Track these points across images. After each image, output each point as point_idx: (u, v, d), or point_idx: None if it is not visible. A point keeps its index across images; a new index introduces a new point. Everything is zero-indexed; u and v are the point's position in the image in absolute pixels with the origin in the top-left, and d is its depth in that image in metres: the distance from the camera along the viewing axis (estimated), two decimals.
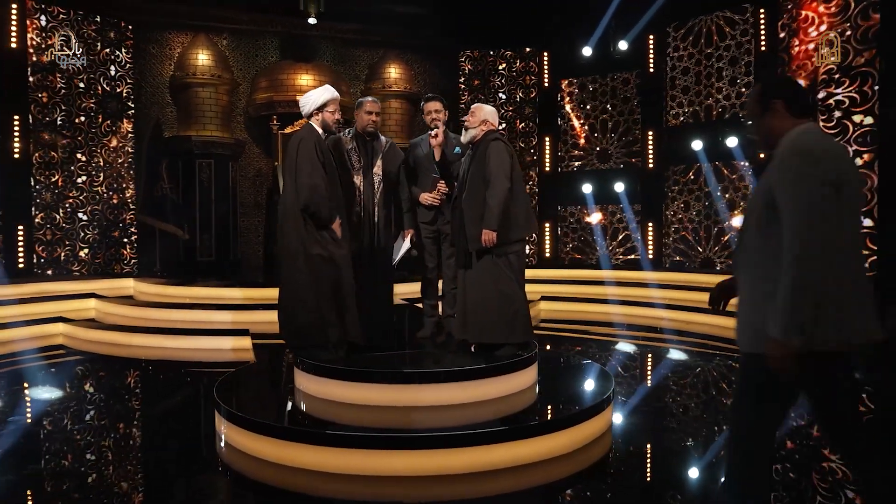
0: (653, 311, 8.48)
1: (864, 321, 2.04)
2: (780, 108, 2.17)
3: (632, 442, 4.19)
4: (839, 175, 2.02)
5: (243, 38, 10.54)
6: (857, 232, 2.14)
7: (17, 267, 8.22)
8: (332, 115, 4.27)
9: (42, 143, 8.44)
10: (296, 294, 4.10)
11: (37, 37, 8.40)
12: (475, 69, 10.95)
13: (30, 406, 4.85)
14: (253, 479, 3.46)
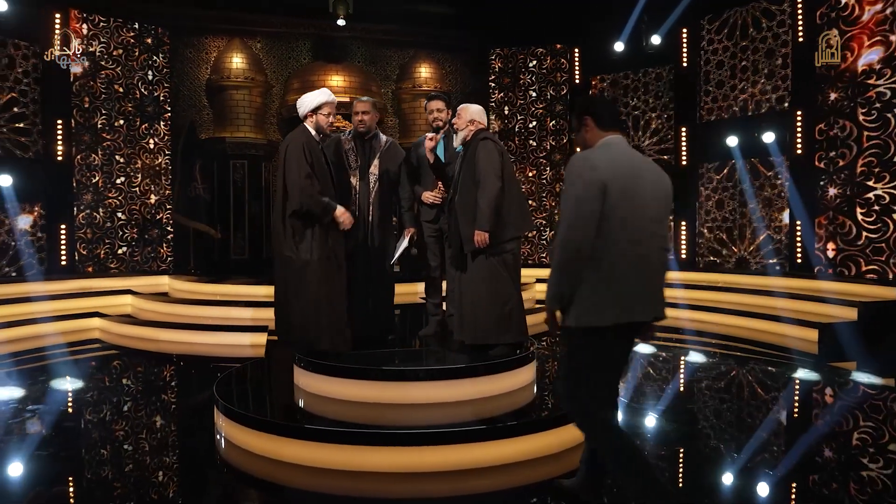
0: (682, 312, 8.25)
1: (630, 304, 2.42)
2: (591, 124, 2.59)
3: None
4: (611, 182, 2.38)
5: (277, 41, 10.77)
6: (640, 231, 2.44)
7: (60, 264, 8.62)
8: (325, 117, 4.31)
9: (83, 146, 8.82)
10: (286, 293, 4.17)
11: (80, 44, 8.78)
12: (505, 67, 10.88)
13: (50, 397, 5.08)
14: (248, 473, 3.51)
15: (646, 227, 2.47)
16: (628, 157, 2.55)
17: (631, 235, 2.43)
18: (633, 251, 2.44)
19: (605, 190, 2.39)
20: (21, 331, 7.12)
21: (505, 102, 10.87)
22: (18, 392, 5.14)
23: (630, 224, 2.43)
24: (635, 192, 2.45)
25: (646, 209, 2.47)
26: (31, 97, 8.37)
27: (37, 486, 3.37)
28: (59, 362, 6.29)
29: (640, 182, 2.47)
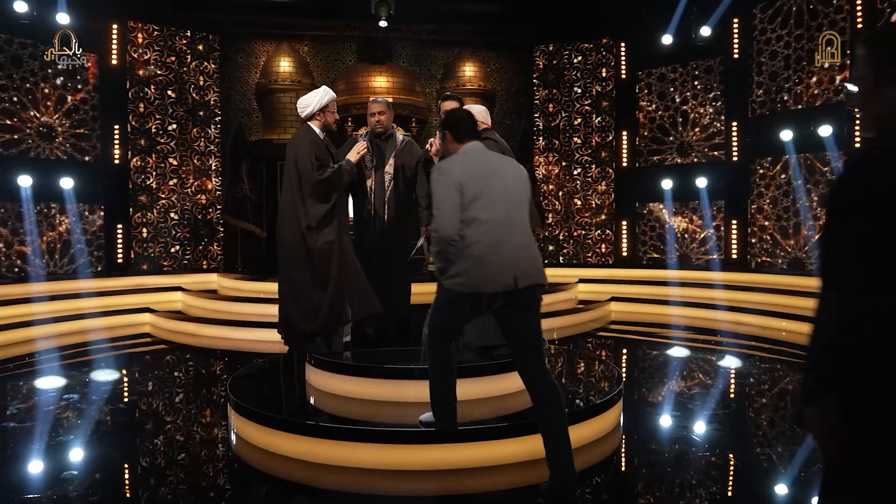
0: (733, 315, 7.92)
1: (488, 278, 2.87)
2: (449, 137, 3.12)
3: (645, 447, 3.96)
4: (465, 181, 2.93)
5: (323, 44, 10.98)
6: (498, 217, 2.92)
7: (117, 262, 9.08)
8: (332, 115, 4.38)
9: (138, 150, 9.26)
10: (289, 290, 4.26)
11: (134, 52, 9.23)
12: (549, 63, 10.72)
13: (92, 387, 5.35)
14: (259, 469, 3.58)
15: (505, 214, 2.95)
16: (483, 159, 3.05)
17: (490, 221, 2.92)
18: (493, 234, 2.91)
19: (460, 188, 2.92)
20: (78, 324, 7.55)
21: (549, 100, 10.72)
22: (62, 381, 5.46)
23: (488, 212, 2.92)
24: (491, 187, 2.96)
25: (502, 199, 2.96)
26: (91, 104, 8.85)
27: (95, 469, 3.56)
28: (107, 356, 6.62)
29: (494, 178, 2.99)
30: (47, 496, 3.18)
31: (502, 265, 2.88)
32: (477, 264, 2.88)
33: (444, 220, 2.90)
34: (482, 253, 2.88)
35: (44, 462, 3.65)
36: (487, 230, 2.90)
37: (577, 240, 10.64)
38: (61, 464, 3.63)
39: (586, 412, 3.82)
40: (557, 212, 10.75)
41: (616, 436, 4.04)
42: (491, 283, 2.88)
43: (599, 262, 10.51)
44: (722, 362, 6.20)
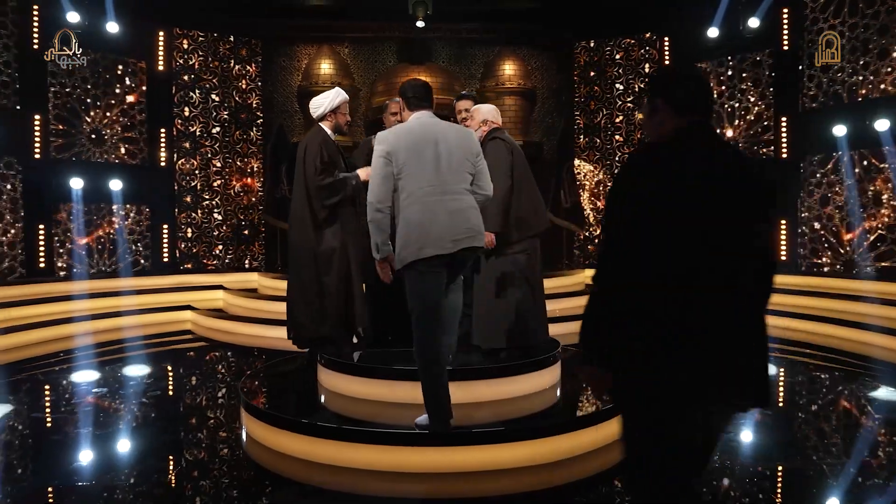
0: (780, 319, 7.55)
1: (431, 241, 3.01)
2: (403, 105, 3.35)
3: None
4: (395, 150, 3.09)
5: (363, 45, 11.07)
6: (433, 183, 3.06)
7: (163, 261, 9.41)
8: (344, 116, 4.39)
9: (183, 152, 9.57)
10: (298, 292, 4.29)
11: (179, 58, 9.54)
12: (591, 60, 10.50)
13: (128, 380, 5.55)
14: (268, 468, 3.60)
15: (437, 182, 3.07)
16: (421, 129, 3.15)
17: (419, 190, 3.06)
18: (425, 202, 3.05)
19: (389, 157, 3.09)
20: (123, 321, 7.86)
21: (590, 97, 10.49)
22: (99, 375, 5.68)
23: (417, 182, 3.06)
24: (422, 156, 3.08)
25: (433, 168, 3.08)
26: (139, 109, 9.20)
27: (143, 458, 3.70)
28: (150, 352, 6.87)
29: (428, 147, 3.09)
30: (94, 485, 3.31)
31: (438, 232, 3.02)
32: (412, 231, 3.03)
33: (373, 192, 3.11)
34: (416, 221, 3.04)
35: (92, 452, 3.81)
36: (417, 199, 3.05)
37: None
38: (107, 454, 3.77)
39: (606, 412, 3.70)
40: (599, 211, 10.51)
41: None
42: (427, 248, 3.02)
43: None
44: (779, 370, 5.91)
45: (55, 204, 8.40)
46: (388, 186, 3.10)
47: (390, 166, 3.10)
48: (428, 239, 3.03)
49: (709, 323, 1.69)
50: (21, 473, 3.59)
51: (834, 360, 6.12)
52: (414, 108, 3.27)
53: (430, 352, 3.14)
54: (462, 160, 3.16)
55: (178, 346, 7.36)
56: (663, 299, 1.69)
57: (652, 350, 1.69)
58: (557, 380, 4.35)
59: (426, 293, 3.12)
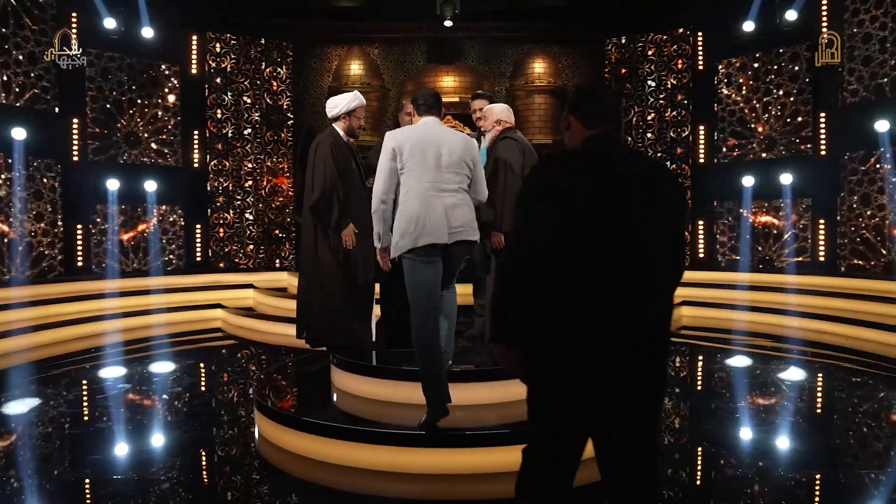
0: (819, 323, 7.30)
1: (423, 233, 3.23)
2: (412, 110, 3.58)
3: (724, 462, 3.71)
4: (401, 146, 3.30)
5: (393, 46, 11.11)
6: (433, 179, 3.28)
7: (195, 260, 9.61)
8: (358, 120, 4.39)
9: (216, 153, 9.77)
10: (308, 289, 4.32)
11: (212, 61, 9.74)
12: (621, 57, 10.31)
13: (149, 379, 5.69)
14: (279, 468, 3.63)
15: (436, 180, 3.29)
16: (426, 132, 3.37)
17: (420, 185, 3.28)
18: (423, 196, 3.26)
19: (395, 154, 3.31)
20: (156, 318, 8.06)
21: (621, 94, 10.30)
22: (129, 371, 5.83)
23: (419, 178, 3.28)
24: (425, 156, 3.29)
25: (434, 166, 3.29)
26: (173, 111, 9.42)
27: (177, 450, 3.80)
28: (181, 349, 7.03)
29: (431, 148, 3.30)
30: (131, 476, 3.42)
31: (434, 223, 3.24)
32: (410, 222, 3.26)
33: (379, 182, 3.36)
34: (414, 213, 3.26)
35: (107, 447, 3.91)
36: (417, 193, 3.28)
37: None
38: (120, 449, 3.87)
39: None
40: None
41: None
42: (424, 237, 3.24)
43: None
44: (803, 374, 5.72)
45: (92, 204, 8.66)
46: (393, 181, 3.34)
47: (395, 162, 3.33)
48: (424, 229, 3.24)
49: (595, 319, 1.82)
50: (52, 466, 3.71)
51: (874, 366, 5.87)
52: (423, 113, 3.52)
53: (426, 337, 3.28)
54: (460, 163, 3.36)
55: (207, 343, 7.50)
56: (557, 296, 1.86)
57: (541, 338, 1.90)
58: None
59: (422, 280, 3.29)
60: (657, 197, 1.88)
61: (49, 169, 8.24)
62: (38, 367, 5.96)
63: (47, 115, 8.17)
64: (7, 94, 7.74)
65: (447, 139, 3.38)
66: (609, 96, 2.06)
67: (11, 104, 7.78)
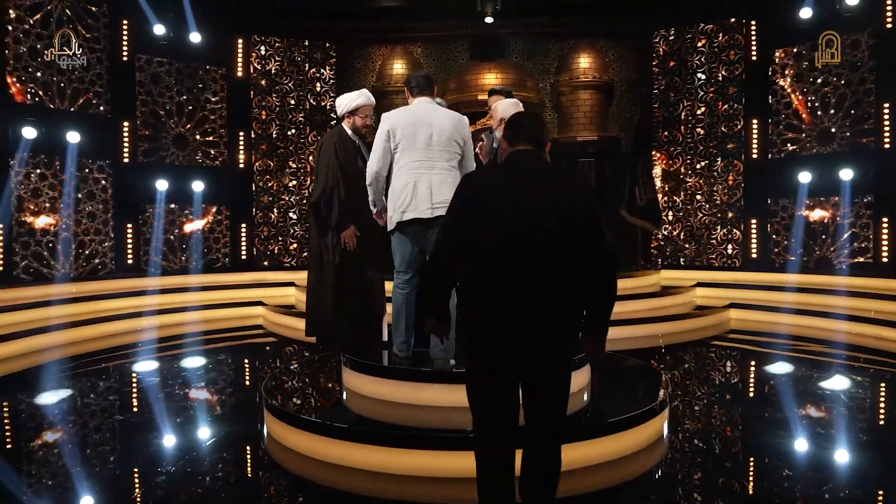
0: (879, 329, 6.82)
1: (410, 206, 3.57)
2: (407, 93, 3.82)
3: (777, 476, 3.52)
4: (394, 127, 3.59)
5: (436, 44, 11.07)
6: (421, 156, 3.57)
7: (241, 259, 9.84)
8: (363, 119, 4.34)
9: (260, 154, 9.98)
10: (315, 289, 4.32)
11: (257, 63, 9.95)
12: (670, 49, 9.93)
13: (181, 374, 5.84)
14: (286, 468, 3.61)
15: (425, 158, 3.55)
16: (418, 113, 3.62)
17: (410, 163, 3.56)
18: (416, 171, 3.55)
19: (388, 134, 3.60)
20: (199, 314, 8.29)
21: (670, 88, 9.93)
22: (162, 365, 6.02)
23: (410, 156, 3.56)
24: (416, 135, 3.56)
25: (425, 146, 3.55)
26: (219, 114, 9.67)
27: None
28: (216, 346, 7.20)
29: (423, 128, 3.56)
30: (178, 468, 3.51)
31: (419, 198, 3.54)
32: (398, 198, 3.59)
33: (373, 159, 3.67)
34: (402, 189, 3.58)
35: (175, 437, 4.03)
36: (407, 170, 3.57)
37: (700, 240, 9.76)
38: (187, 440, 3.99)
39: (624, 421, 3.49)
40: (678, 209, 9.94)
41: (660, 448, 3.70)
42: (409, 213, 3.57)
43: (725, 264, 9.56)
44: (859, 383, 5.34)
45: (142, 204, 8.99)
46: (386, 159, 3.66)
47: (389, 142, 3.62)
48: (409, 205, 3.57)
49: (504, 298, 2.26)
50: (95, 456, 3.84)
51: None
52: (416, 94, 3.73)
53: (397, 296, 3.85)
54: (450, 142, 3.59)
55: (246, 340, 7.66)
56: (472, 281, 2.35)
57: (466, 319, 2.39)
58: (584, 384, 4.13)
59: (404, 250, 3.72)
60: (564, 200, 2.29)
61: (101, 171, 8.61)
62: (88, 360, 6.22)
63: (100, 119, 8.53)
64: (62, 100, 8.13)
65: (438, 119, 3.60)
66: (530, 124, 2.48)
67: (66, 109, 8.16)
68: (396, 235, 3.73)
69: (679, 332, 7.47)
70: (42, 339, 6.59)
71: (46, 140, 7.84)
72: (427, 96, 3.71)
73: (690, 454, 3.83)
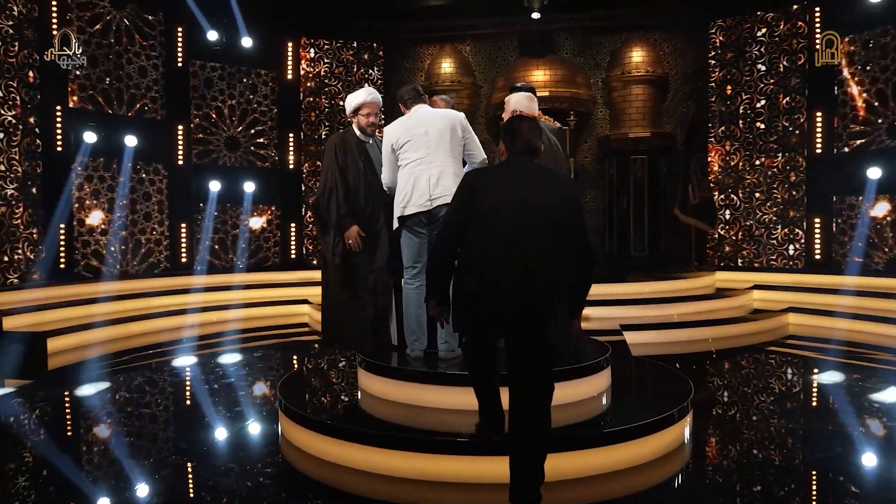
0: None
1: (411, 202, 3.76)
2: (401, 107, 4.06)
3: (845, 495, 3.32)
4: (395, 135, 3.88)
5: (485, 42, 10.97)
6: (421, 157, 3.78)
7: (290, 258, 10.05)
8: (365, 118, 4.26)
9: (309, 155, 10.16)
10: (325, 292, 4.32)
11: (306, 66, 10.13)
12: (728, 40, 9.47)
13: (218, 370, 6.00)
14: (301, 471, 3.58)
15: (425, 154, 3.75)
16: (416, 115, 3.90)
17: (412, 161, 3.77)
18: (417, 167, 3.76)
19: (391, 145, 3.87)
20: (248, 312, 8.51)
21: (727, 81, 9.47)
22: (203, 361, 6.20)
23: (411, 155, 3.78)
24: (415, 136, 3.79)
25: (423, 144, 3.76)
26: (270, 116, 9.91)
27: None
28: (260, 344, 7.37)
29: (419, 129, 3.80)
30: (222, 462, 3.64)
31: (419, 193, 3.73)
32: (400, 194, 3.80)
33: (384, 172, 3.99)
34: (403, 186, 3.80)
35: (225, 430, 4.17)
36: (410, 169, 3.78)
37: (759, 240, 9.27)
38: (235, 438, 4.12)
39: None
40: (736, 208, 9.47)
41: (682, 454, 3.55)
42: (410, 207, 3.76)
43: (786, 265, 9.04)
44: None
45: (195, 204, 9.31)
46: (394, 169, 3.89)
47: (394, 153, 3.88)
48: (410, 200, 3.75)
49: (497, 287, 2.63)
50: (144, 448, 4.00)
51: None
52: (411, 105, 3.99)
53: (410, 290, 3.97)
54: (446, 135, 3.77)
55: (291, 338, 7.80)
56: (470, 266, 2.72)
57: (462, 297, 2.74)
58: (603, 389, 3.97)
59: (410, 246, 3.89)
60: (553, 199, 2.70)
61: (157, 173, 8.97)
62: (141, 354, 6.51)
63: (155, 123, 8.89)
64: (120, 105, 8.52)
65: (431, 118, 3.84)
66: (526, 132, 2.81)
67: (124, 114, 8.55)
68: (403, 232, 3.89)
69: (732, 336, 7.13)
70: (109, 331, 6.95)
71: (105, 144, 8.24)
72: (421, 103, 3.96)
73: (716, 462, 3.61)
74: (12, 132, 7.23)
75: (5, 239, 7.16)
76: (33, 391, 5.30)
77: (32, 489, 3.40)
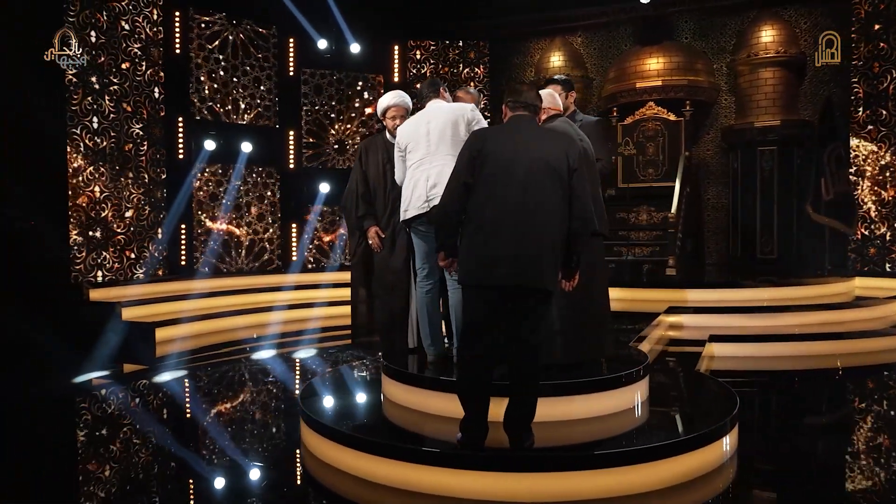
0: None
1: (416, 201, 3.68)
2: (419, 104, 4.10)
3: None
4: (403, 140, 3.82)
5: (597, 32, 10.44)
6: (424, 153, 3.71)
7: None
8: (392, 121, 4.22)
9: None
10: (352, 291, 4.30)
11: (413, 68, 10.27)
12: (875, 10, 8.17)
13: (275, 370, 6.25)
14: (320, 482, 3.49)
15: (426, 152, 3.68)
16: (423, 112, 3.80)
17: (418, 158, 3.72)
18: (418, 169, 3.72)
19: (400, 148, 3.84)
20: (344, 309, 8.79)
21: (873, 57, 8.18)
22: (273, 354, 6.51)
23: (415, 155, 3.74)
24: (418, 135, 3.72)
25: (425, 142, 3.68)
26: (376, 119, 10.16)
27: None
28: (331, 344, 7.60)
29: (424, 121, 3.72)
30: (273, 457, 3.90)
31: (418, 194, 3.66)
32: (405, 198, 3.76)
33: (397, 174, 3.94)
34: (405, 188, 3.77)
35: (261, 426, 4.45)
36: (412, 171, 3.74)
37: (881, 244, 7.91)
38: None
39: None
40: (885, 204, 8.15)
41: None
42: (410, 210, 3.71)
43: None
44: None
45: (305, 206, 9.80)
46: (405, 169, 3.83)
47: (403, 152, 3.83)
48: (409, 202, 3.71)
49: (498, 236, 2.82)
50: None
51: None
52: (425, 103, 3.87)
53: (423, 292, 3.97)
54: (447, 130, 3.66)
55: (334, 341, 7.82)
56: (475, 218, 2.89)
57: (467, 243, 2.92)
58: (630, 404, 3.58)
59: (418, 247, 3.87)
60: (554, 155, 2.90)
61: (270, 176, 9.57)
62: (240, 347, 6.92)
63: (269, 130, 9.49)
64: (237, 114, 9.20)
65: (436, 113, 3.71)
66: (526, 91, 3.07)
67: (240, 122, 9.22)
68: (410, 234, 3.90)
69: (866, 352, 6.19)
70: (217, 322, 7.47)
71: (222, 150, 8.93)
72: (433, 98, 3.86)
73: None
74: (139, 143, 8.07)
75: (133, 238, 8.01)
76: (145, 375, 5.86)
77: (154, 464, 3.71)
